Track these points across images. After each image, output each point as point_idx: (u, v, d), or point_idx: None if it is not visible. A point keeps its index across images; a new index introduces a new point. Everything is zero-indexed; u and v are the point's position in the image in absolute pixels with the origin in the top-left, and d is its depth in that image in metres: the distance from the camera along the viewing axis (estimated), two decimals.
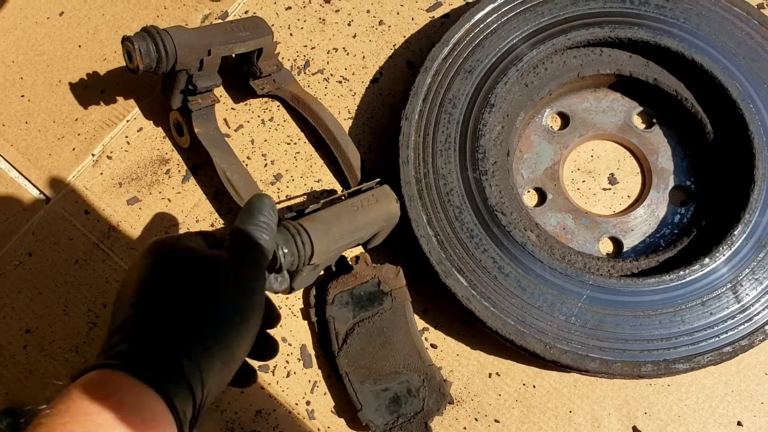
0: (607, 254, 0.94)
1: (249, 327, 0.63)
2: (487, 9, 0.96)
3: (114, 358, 0.54)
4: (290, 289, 0.85)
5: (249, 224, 0.69)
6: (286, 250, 0.76)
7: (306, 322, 0.93)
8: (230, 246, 0.67)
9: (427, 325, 0.92)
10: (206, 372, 0.56)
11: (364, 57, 1.06)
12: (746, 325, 0.82)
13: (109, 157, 1.02)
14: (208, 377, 0.57)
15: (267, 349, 0.73)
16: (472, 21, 0.96)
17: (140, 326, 0.57)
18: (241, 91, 1.04)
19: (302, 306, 0.93)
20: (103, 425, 0.48)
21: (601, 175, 0.98)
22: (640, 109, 0.99)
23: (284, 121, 1.03)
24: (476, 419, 0.88)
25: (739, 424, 0.86)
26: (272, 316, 0.75)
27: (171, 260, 0.63)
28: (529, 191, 0.97)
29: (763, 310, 0.83)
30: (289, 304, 0.94)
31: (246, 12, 1.10)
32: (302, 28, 1.08)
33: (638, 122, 1.00)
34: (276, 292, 0.78)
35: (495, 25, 0.95)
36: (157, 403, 0.52)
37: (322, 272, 0.91)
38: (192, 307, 0.59)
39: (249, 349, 0.65)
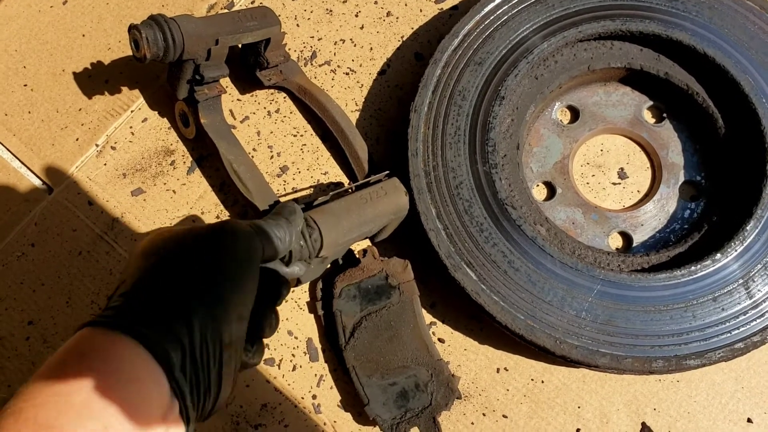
0: (617, 249, 0.93)
1: (243, 284, 0.63)
2: (498, 0, 0.95)
3: (102, 315, 0.55)
4: (297, 282, 0.84)
5: (267, 221, 0.72)
6: (295, 242, 0.75)
7: (312, 315, 0.92)
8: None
9: (434, 320, 0.91)
10: (194, 321, 0.56)
11: (371, 48, 1.05)
12: (758, 321, 0.82)
13: (113, 148, 1.00)
14: (195, 325, 0.56)
15: (265, 324, 0.72)
16: (483, 12, 0.95)
17: (131, 286, 0.58)
18: (247, 82, 1.02)
19: (308, 299, 0.93)
20: (75, 374, 0.49)
21: (610, 170, 0.97)
22: (651, 103, 0.99)
23: (291, 112, 1.02)
24: (484, 414, 0.87)
25: (749, 420, 0.86)
26: (279, 286, 0.74)
27: (165, 236, 0.64)
28: (538, 185, 0.96)
29: None
30: (296, 297, 0.93)
31: (252, 2, 1.08)
32: (309, 18, 1.07)
33: (648, 116, 0.99)
34: (291, 280, 0.77)
35: (505, 17, 0.94)
36: (134, 348, 0.52)
37: (329, 265, 0.91)
38: (184, 265, 0.60)
39: (247, 310, 0.64)
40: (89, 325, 0.54)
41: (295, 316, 0.92)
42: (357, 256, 0.91)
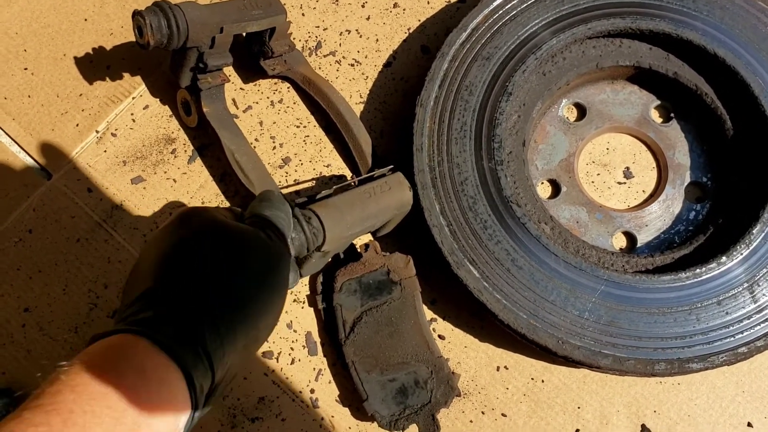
0: (621, 249, 0.92)
1: (275, 304, 0.62)
2: None
3: (135, 324, 0.52)
4: (299, 276, 0.83)
5: (268, 210, 0.69)
6: (295, 236, 0.74)
7: (312, 309, 0.91)
8: (255, 225, 0.66)
9: (435, 316, 0.91)
10: (228, 348, 0.55)
11: (377, 40, 1.04)
12: (762, 325, 0.81)
13: (114, 135, 0.99)
14: (230, 354, 0.55)
15: None
16: (491, 6, 0.93)
17: (165, 294, 0.56)
18: (250, 71, 1.01)
19: (308, 293, 0.92)
20: (120, 388, 0.47)
21: (616, 169, 0.96)
22: (658, 102, 0.98)
23: (294, 103, 1.01)
24: (483, 413, 0.87)
25: (749, 425, 0.85)
26: None
27: (201, 229, 0.61)
28: (543, 183, 0.95)
29: None
30: (296, 291, 0.92)
31: None
32: (315, 8, 1.06)
33: (655, 116, 0.98)
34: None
35: (514, 12, 0.93)
36: (175, 374, 0.50)
37: (330, 259, 0.90)
38: (221, 278, 0.58)
39: (272, 329, 0.63)
40: (137, 334, 0.51)
41: (295, 309, 0.91)
42: (359, 250, 0.90)
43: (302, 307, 0.91)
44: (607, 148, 0.97)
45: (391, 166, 0.89)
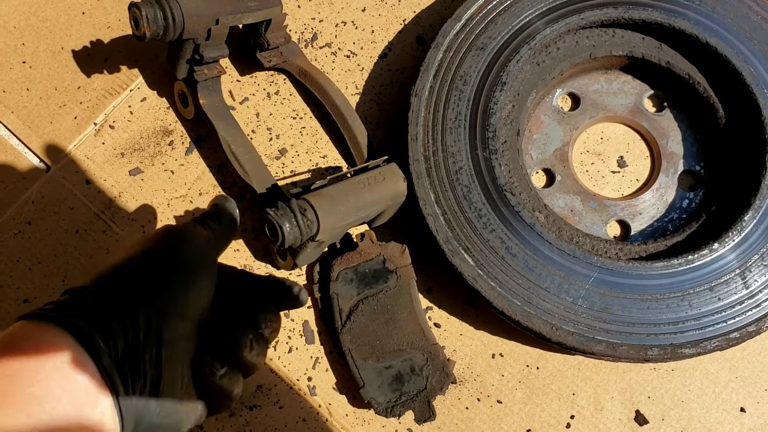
0: (615, 237, 0.93)
1: (187, 284, 0.63)
2: None
3: (42, 309, 0.56)
4: (294, 265, 0.84)
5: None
6: (290, 226, 0.75)
7: (309, 298, 0.92)
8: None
9: (431, 304, 0.91)
10: (128, 315, 0.57)
11: (373, 31, 1.04)
12: (754, 311, 0.82)
13: (112, 127, 1.00)
14: (129, 318, 0.57)
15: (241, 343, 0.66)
16: None
17: (81, 286, 0.60)
18: (247, 63, 1.02)
19: (305, 282, 0.92)
20: (10, 365, 0.50)
21: (610, 158, 0.97)
22: (651, 92, 0.98)
23: (290, 95, 1.02)
24: (478, 399, 0.87)
25: (742, 410, 0.86)
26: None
27: (131, 243, 0.67)
28: (537, 172, 0.96)
29: None
30: (293, 280, 0.92)
31: None
32: (310, 0, 1.06)
33: (649, 105, 0.99)
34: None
35: (508, 2, 0.94)
36: (64, 338, 0.53)
37: (326, 249, 0.90)
38: (130, 269, 0.62)
39: (192, 310, 0.63)
40: (26, 318, 0.55)
41: None
42: (355, 240, 0.91)
43: None
44: (601, 138, 0.98)
45: (386, 157, 0.89)
